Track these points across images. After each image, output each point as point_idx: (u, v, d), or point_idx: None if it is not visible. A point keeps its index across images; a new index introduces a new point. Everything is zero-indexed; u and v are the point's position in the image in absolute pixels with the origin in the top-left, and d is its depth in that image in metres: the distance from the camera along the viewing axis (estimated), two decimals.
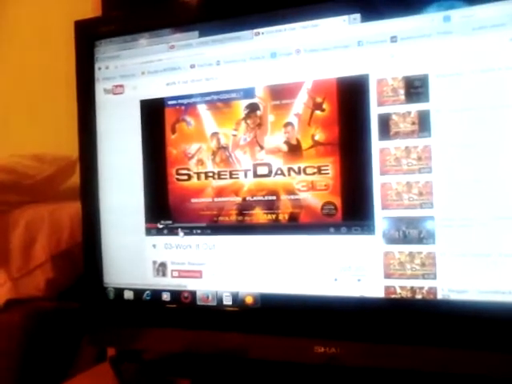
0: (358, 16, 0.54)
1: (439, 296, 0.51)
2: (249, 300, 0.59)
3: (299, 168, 0.56)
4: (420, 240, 0.51)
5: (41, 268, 0.81)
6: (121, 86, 0.65)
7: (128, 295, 0.65)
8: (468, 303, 0.50)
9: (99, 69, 0.66)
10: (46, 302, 0.81)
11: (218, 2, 0.60)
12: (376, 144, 0.53)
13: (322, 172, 0.55)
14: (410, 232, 0.52)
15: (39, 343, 0.77)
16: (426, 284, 0.51)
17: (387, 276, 0.53)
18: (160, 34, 0.62)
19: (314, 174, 0.55)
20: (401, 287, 0.52)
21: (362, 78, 0.53)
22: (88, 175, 0.67)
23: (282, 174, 0.57)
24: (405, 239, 0.52)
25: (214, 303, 0.60)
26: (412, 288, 0.52)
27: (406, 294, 0.52)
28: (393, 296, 0.53)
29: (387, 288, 0.53)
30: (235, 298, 0.59)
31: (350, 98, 0.54)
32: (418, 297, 0.52)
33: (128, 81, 0.64)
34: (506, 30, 0.48)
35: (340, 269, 0.55)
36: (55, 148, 1.01)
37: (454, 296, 0.51)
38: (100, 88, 0.66)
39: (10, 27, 1.18)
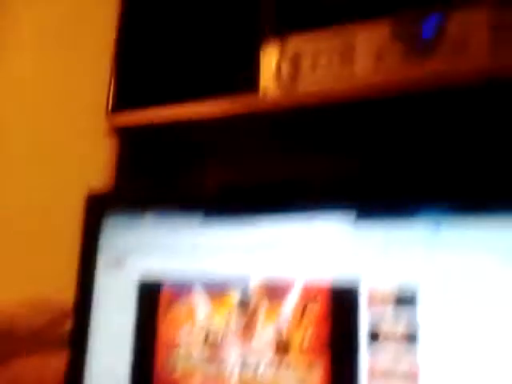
0: (351, 218, 0.57)
1: None
2: None
3: (287, 365, 0.56)
4: None
5: None
6: (122, 261, 0.67)
7: None
8: None
9: (103, 242, 0.69)
10: None
11: (221, 196, 0.65)
12: (365, 348, 0.53)
13: (311, 372, 0.54)
14: None
15: None
16: None
17: None
18: (164, 214, 0.66)
19: (302, 372, 0.55)
20: None
21: (354, 281, 0.55)
22: (78, 346, 0.67)
23: (270, 369, 0.56)
24: None
25: None
26: None
27: None
28: None
29: None
30: None
31: (342, 300, 0.55)
32: None
33: (129, 257, 0.67)
34: (496, 252, 0.50)
35: None
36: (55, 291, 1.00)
37: None
38: (102, 260, 0.68)
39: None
